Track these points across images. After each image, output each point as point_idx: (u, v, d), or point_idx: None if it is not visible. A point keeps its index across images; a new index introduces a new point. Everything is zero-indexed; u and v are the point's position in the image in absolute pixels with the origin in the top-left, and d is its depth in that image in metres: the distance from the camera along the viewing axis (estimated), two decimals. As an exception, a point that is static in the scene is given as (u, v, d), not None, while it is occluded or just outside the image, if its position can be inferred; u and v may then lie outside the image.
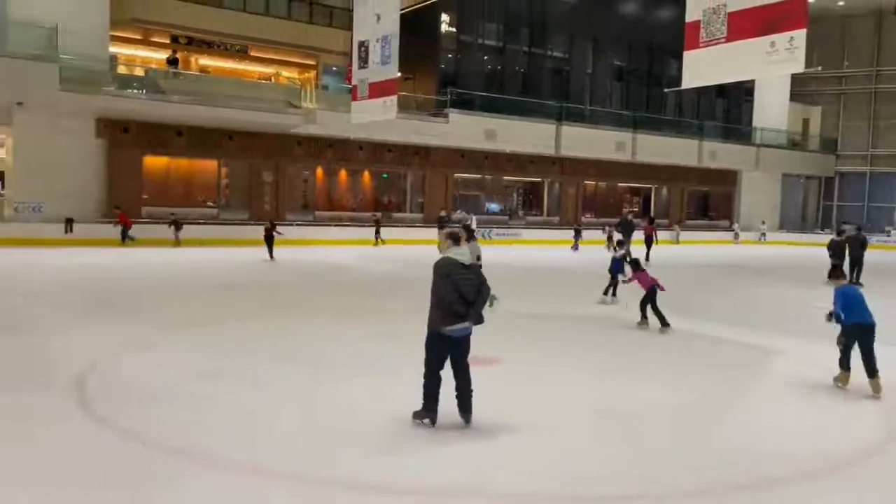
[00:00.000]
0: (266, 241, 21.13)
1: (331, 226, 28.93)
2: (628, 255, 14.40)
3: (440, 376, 6.02)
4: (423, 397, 6.06)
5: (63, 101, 22.27)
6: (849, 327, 7.62)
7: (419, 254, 10.92)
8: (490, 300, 10.95)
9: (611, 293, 13.87)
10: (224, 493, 4.75)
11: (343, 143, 28.86)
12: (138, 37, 30.33)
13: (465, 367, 6.09)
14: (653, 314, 10.98)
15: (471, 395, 6.10)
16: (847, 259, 18.50)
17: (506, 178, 35.78)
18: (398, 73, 19.45)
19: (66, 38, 22.24)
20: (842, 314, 7.58)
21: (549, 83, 36.12)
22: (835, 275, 8.12)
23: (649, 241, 24.25)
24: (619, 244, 15.07)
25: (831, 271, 8.30)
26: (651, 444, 5.96)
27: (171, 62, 27.98)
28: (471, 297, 5.96)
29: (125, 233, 23.11)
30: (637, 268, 11.65)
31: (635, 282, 11.47)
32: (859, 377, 7.54)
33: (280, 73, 34.21)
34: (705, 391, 7.76)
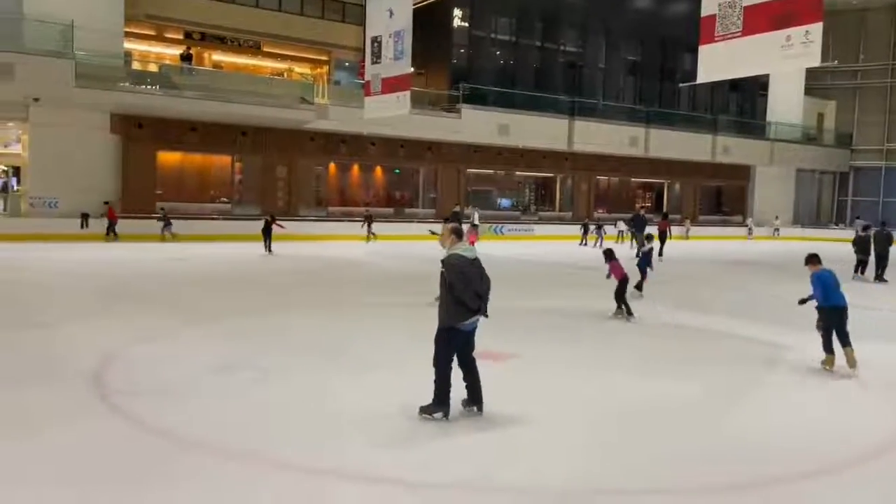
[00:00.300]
0: (264, 233, 21.33)
1: (343, 221, 29.01)
2: (639, 245, 14.38)
3: (451, 370, 6.13)
4: (435, 392, 6.10)
5: (78, 97, 22.45)
6: (826, 310, 8.07)
7: (431, 250, 10.95)
8: None
9: (639, 286, 13.90)
10: (238, 483, 4.79)
11: (356, 138, 28.92)
12: (152, 33, 30.53)
13: (473, 358, 6.27)
14: (614, 300, 11.51)
15: (480, 384, 6.24)
16: (872, 255, 18.44)
17: (518, 173, 35.75)
18: (411, 69, 19.46)
19: (81, 35, 22.44)
20: (820, 297, 8.07)
21: (561, 78, 36.02)
22: (812, 261, 8.46)
23: (663, 237, 24.20)
24: (647, 238, 14.93)
25: (809, 255, 8.59)
26: (659, 440, 5.96)
27: (185, 58, 28.13)
28: (481, 292, 6.13)
29: (111, 227, 23.03)
30: (611, 258, 11.89)
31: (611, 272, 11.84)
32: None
33: (292, 69, 34.33)
34: (715, 386, 7.74)
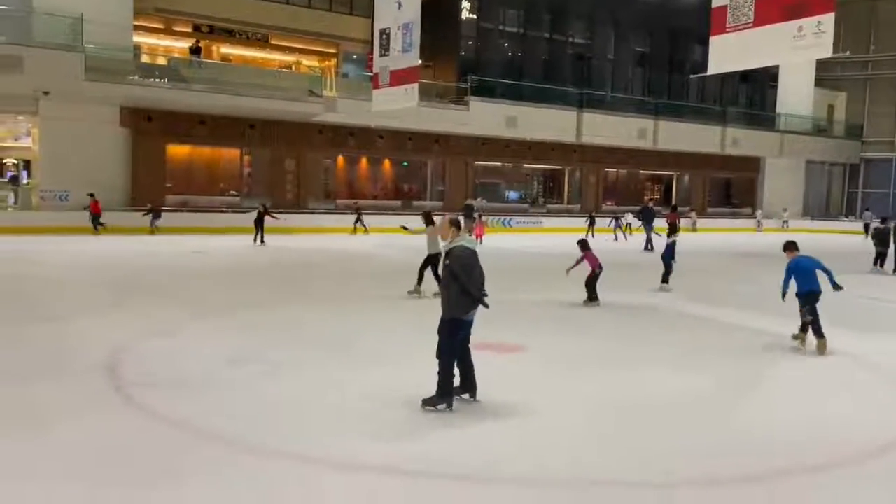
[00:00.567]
0: (256, 224, 21.42)
1: (351, 214, 29.02)
2: (648, 237, 14.33)
3: (455, 361, 6.20)
4: (439, 384, 6.12)
5: (88, 90, 22.54)
6: (805, 295, 8.69)
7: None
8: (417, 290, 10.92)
9: (665, 279, 13.96)
10: (249, 474, 4.82)
11: (364, 131, 28.93)
12: (161, 26, 30.53)
13: (468, 348, 6.38)
14: (586, 288, 11.82)
15: (474, 372, 6.38)
16: (892, 247, 18.44)
17: (526, 165, 35.68)
18: (419, 61, 19.43)
19: (90, 28, 22.48)
20: (790, 284, 8.74)
21: (570, 70, 35.88)
22: (789, 248, 9.01)
23: (673, 229, 24.10)
24: (671, 231, 14.85)
25: (787, 243, 9.14)
26: (666, 432, 5.95)
27: (194, 51, 28.16)
28: (482, 281, 6.26)
29: (96, 220, 22.66)
30: (585, 248, 12.12)
31: (584, 262, 12.02)
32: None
33: (300, 62, 34.28)
34: (724, 379, 7.72)
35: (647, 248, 23.47)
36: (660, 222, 26.88)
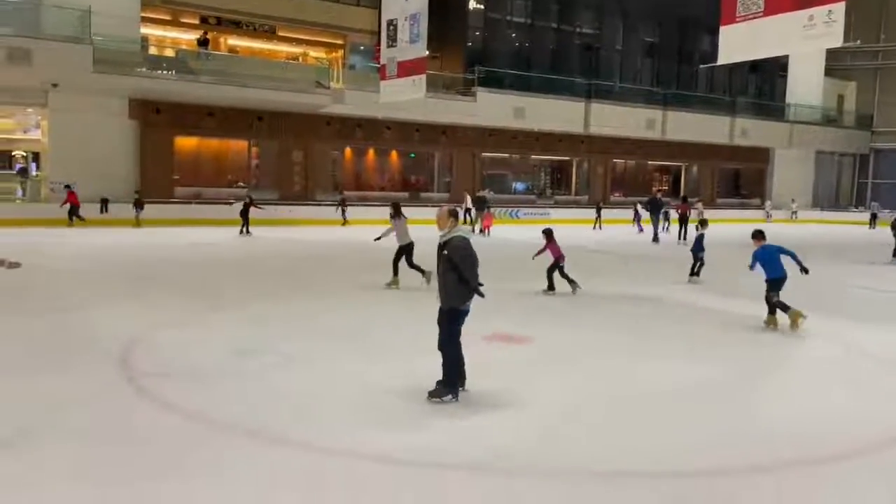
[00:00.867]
0: (242, 215, 21.53)
1: (359, 205, 29.02)
2: (655, 228, 14.28)
3: (459, 351, 6.21)
4: (446, 375, 6.14)
5: (96, 82, 22.59)
6: (772, 281, 9.44)
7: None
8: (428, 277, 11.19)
9: (696, 272, 13.93)
10: (259, 463, 4.86)
11: (371, 122, 28.92)
12: (168, 18, 30.53)
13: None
14: (562, 279, 12.04)
15: (464, 361, 6.33)
16: None
17: (534, 156, 35.60)
18: (427, 52, 19.38)
19: (98, 21, 22.53)
20: (757, 268, 9.53)
21: (578, 60, 35.73)
22: (757, 237, 9.71)
23: (684, 220, 24.07)
24: (700, 223, 14.71)
25: (754, 231, 9.88)
26: (674, 422, 5.96)
27: (202, 43, 28.16)
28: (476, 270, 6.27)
29: (74, 212, 22.25)
30: (549, 238, 12.27)
31: (546, 252, 12.16)
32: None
33: (308, 53, 34.25)
34: (733, 370, 7.70)
35: (654, 240, 23.42)
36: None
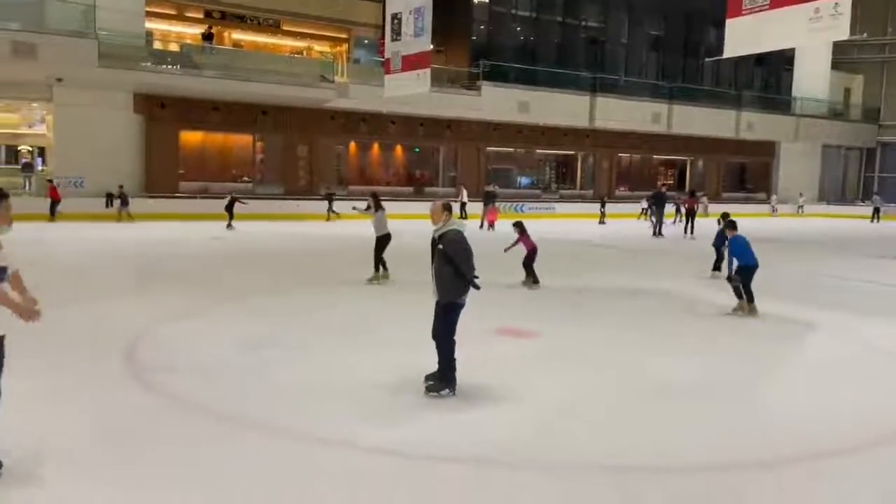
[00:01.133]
0: (227, 210, 21.72)
1: (364, 200, 28.96)
2: (659, 222, 14.18)
3: (455, 345, 6.20)
4: (443, 370, 6.13)
5: (101, 76, 22.60)
6: (742, 268, 9.95)
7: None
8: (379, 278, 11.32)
9: (717, 266, 13.84)
10: (264, 455, 4.88)
11: (376, 117, 28.89)
12: (173, 12, 30.55)
13: None
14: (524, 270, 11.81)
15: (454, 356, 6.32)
16: None
17: (539, 151, 35.53)
18: (431, 46, 19.34)
19: (102, 15, 22.54)
20: (734, 259, 10.00)
21: (583, 54, 35.63)
22: (731, 227, 10.34)
23: (691, 215, 24.01)
24: (724, 217, 14.56)
25: (727, 222, 10.53)
26: (679, 418, 5.95)
27: (207, 37, 28.15)
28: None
29: (53, 207, 22.12)
30: (521, 231, 12.18)
31: (520, 245, 12.02)
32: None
33: (312, 47, 34.23)
34: (739, 365, 7.70)
35: (657, 234, 23.34)
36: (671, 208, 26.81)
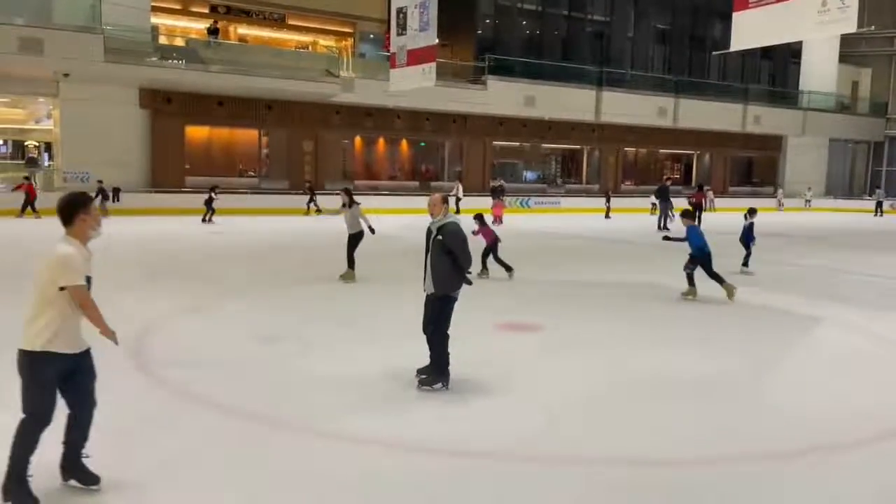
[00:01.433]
0: (206, 204, 21.71)
1: (369, 194, 29.02)
2: (663, 216, 14.11)
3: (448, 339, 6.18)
4: (436, 363, 6.12)
5: (107, 72, 22.64)
6: (696, 256, 10.52)
7: (466, 222, 10.86)
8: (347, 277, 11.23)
9: (745, 262, 13.80)
10: (270, 448, 4.91)
11: (381, 111, 28.87)
12: (178, 7, 30.59)
13: None
14: (496, 264, 12.08)
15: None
16: None
17: (545, 145, 35.47)
18: (437, 40, 19.30)
19: (108, 9, 22.58)
20: (690, 246, 10.54)
21: (589, 48, 35.51)
22: (686, 216, 10.81)
23: (698, 209, 23.90)
24: (750, 212, 14.43)
25: (683, 212, 11.05)
26: (685, 410, 5.95)
27: (212, 32, 28.18)
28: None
29: (32, 203, 21.48)
30: (482, 224, 12.30)
31: (479, 236, 12.06)
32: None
33: (317, 42, 34.22)
34: (748, 359, 7.68)
35: (663, 228, 23.26)
36: (680, 202, 26.65)
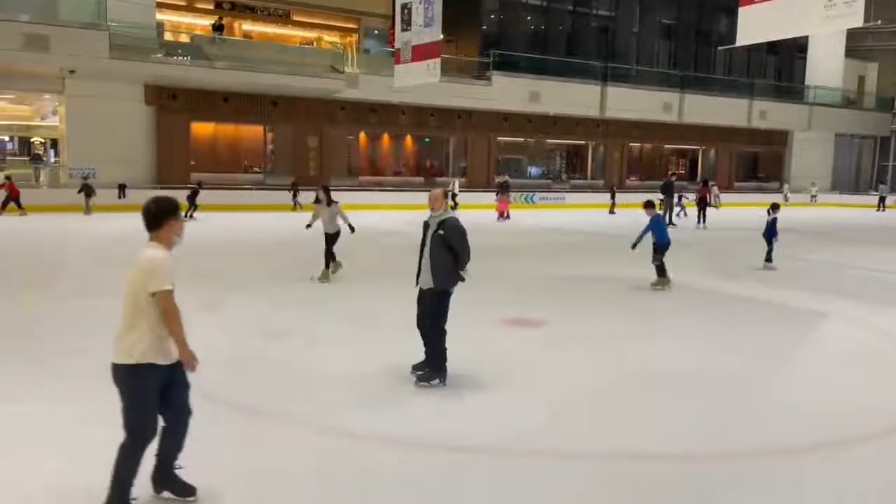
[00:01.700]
0: (189, 200, 21.51)
1: (374, 191, 29.06)
2: (667, 210, 14.05)
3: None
4: (434, 359, 6.11)
5: (113, 68, 22.69)
6: (661, 245, 10.96)
7: (471, 218, 10.88)
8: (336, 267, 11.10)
9: (768, 258, 13.74)
10: (278, 443, 4.95)
11: (386, 107, 28.86)
12: (183, 3, 30.57)
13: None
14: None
15: None
16: None
17: (549, 140, 35.41)
18: (441, 35, 19.28)
19: (114, 6, 22.60)
20: (649, 236, 10.95)
21: (594, 43, 35.43)
22: (649, 206, 11.17)
23: (703, 204, 23.83)
24: (773, 207, 14.36)
25: (646, 203, 11.29)
26: (692, 405, 5.96)
27: (217, 28, 28.18)
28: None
29: (16, 200, 21.25)
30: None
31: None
32: None
33: (322, 38, 34.19)
34: (752, 353, 7.68)
35: (668, 223, 23.21)
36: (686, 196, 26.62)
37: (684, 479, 4.60)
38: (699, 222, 23.27)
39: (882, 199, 35.68)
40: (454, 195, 27.12)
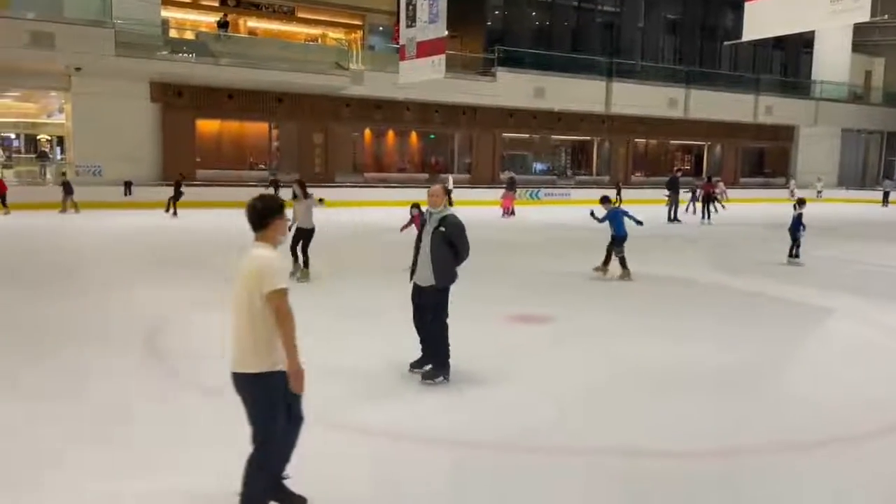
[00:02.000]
0: (175, 194, 21.59)
1: (379, 187, 29.06)
2: (672, 206, 13.99)
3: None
4: (439, 356, 6.11)
5: (118, 65, 22.72)
6: (619, 237, 11.41)
7: (475, 214, 10.78)
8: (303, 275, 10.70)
9: (795, 253, 13.73)
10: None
11: (391, 104, 28.85)
12: (188, 0, 30.60)
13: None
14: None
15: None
16: None
17: (554, 136, 35.34)
18: (446, 32, 19.26)
19: (119, 3, 22.62)
20: (608, 224, 11.40)
21: (599, 38, 35.33)
22: (605, 202, 11.70)
23: (707, 200, 23.80)
24: (799, 203, 14.28)
25: (602, 198, 11.84)
26: (700, 401, 5.96)
27: (222, 25, 28.19)
28: None
29: (2, 197, 21.11)
30: (420, 212, 12.10)
31: (413, 226, 11.84)
32: None
33: (327, 35, 34.19)
34: (756, 350, 7.67)
35: (672, 220, 23.17)
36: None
37: (695, 475, 4.60)
38: (704, 218, 23.25)
39: (886, 195, 35.52)
40: (449, 191, 27.07)
